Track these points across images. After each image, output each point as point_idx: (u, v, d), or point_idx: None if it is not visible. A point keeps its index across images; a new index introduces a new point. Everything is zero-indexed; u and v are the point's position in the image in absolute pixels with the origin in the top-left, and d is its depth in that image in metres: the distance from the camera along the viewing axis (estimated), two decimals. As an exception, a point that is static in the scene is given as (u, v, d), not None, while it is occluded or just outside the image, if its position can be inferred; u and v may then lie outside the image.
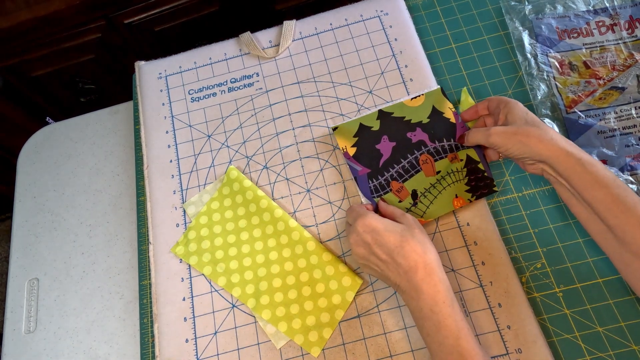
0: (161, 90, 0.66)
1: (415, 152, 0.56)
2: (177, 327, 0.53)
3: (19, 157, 0.70)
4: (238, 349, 0.51)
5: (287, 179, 0.59)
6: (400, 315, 0.50)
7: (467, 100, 0.58)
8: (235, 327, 0.52)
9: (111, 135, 0.69)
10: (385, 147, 0.57)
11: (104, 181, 0.66)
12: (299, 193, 0.58)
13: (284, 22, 0.67)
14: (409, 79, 0.61)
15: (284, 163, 0.60)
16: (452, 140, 0.56)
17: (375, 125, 0.58)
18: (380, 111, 0.59)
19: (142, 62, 0.69)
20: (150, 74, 0.67)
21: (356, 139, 0.58)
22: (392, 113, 0.58)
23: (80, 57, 0.95)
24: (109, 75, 1.03)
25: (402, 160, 0.56)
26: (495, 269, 0.51)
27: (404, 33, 0.64)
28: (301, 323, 0.51)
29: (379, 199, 0.51)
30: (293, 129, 0.61)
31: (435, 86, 0.60)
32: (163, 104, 0.65)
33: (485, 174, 0.54)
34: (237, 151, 0.61)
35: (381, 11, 0.66)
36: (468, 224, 0.53)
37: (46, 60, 0.94)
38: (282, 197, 0.58)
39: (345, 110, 0.61)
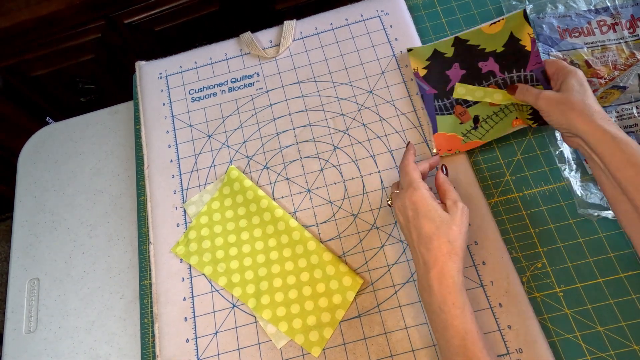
0: (162, 90, 0.66)
1: (484, 82, 0.58)
2: (178, 327, 0.53)
3: (19, 157, 0.70)
4: (238, 349, 0.51)
5: (287, 179, 0.59)
6: (400, 315, 0.50)
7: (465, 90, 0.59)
8: (236, 327, 0.52)
9: (111, 135, 0.69)
10: (455, 73, 0.59)
11: (104, 181, 0.66)
12: (300, 193, 0.58)
13: (285, 22, 0.67)
14: (409, 79, 0.61)
15: (284, 163, 0.59)
16: (522, 71, 0.56)
17: (449, 52, 0.59)
18: (456, 38, 0.60)
19: (143, 62, 0.69)
20: (150, 74, 0.67)
21: (428, 62, 0.60)
22: (468, 40, 0.59)
23: (80, 57, 0.95)
24: (109, 75, 1.03)
25: None
26: (496, 268, 0.51)
27: (404, 33, 0.64)
28: (302, 323, 0.51)
29: (439, 169, 0.50)
30: (293, 129, 0.61)
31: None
32: (163, 104, 0.65)
33: None
34: (237, 151, 0.61)
35: (381, 11, 0.66)
36: (469, 224, 0.53)
37: (46, 60, 0.94)
38: (282, 197, 0.58)
39: (346, 110, 0.61)
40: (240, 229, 0.56)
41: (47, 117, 1.08)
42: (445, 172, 0.51)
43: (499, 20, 0.58)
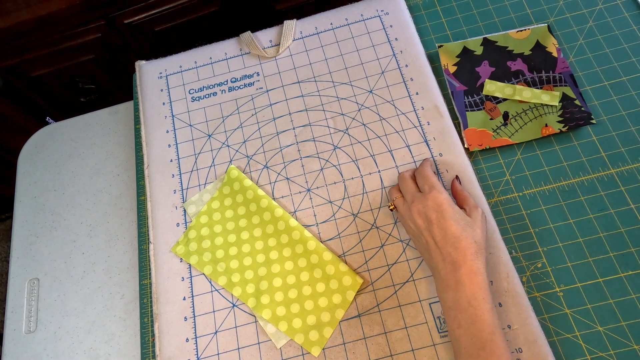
0: (162, 90, 0.66)
1: (513, 79, 0.59)
2: (178, 327, 0.53)
3: (19, 157, 0.70)
4: (238, 349, 0.51)
5: (287, 179, 0.59)
6: (400, 314, 0.50)
7: None
8: (236, 327, 0.52)
9: (111, 135, 0.69)
10: (485, 71, 0.60)
11: (104, 181, 0.66)
12: (300, 192, 0.58)
13: (285, 21, 0.67)
14: (409, 79, 0.61)
15: (284, 162, 0.59)
16: (550, 72, 0.58)
17: (479, 50, 0.61)
18: (485, 38, 0.62)
19: (143, 62, 0.69)
20: (150, 74, 0.67)
21: (458, 59, 0.61)
22: (496, 42, 0.61)
23: (80, 57, 0.96)
24: (109, 75, 1.03)
25: None
26: (496, 268, 0.51)
27: (404, 33, 0.64)
28: (302, 322, 0.51)
29: (454, 179, 0.53)
30: (293, 129, 0.61)
31: (435, 86, 0.60)
32: (163, 104, 0.65)
33: (582, 108, 0.56)
34: (237, 150, 0.61)
35: (382, 11, 0.66)
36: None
37: (46, 60, 0.94)
38: (282, 197, 0.58)
39: (346, 110, 0.61)
40: (240, 229, 0.56)
41: (47, 117, 1.08)
42: (459, 182, 0.53)
43: (524, 29, 0.61)
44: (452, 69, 0.61)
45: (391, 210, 0.53)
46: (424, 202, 0.47)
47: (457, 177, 0.53)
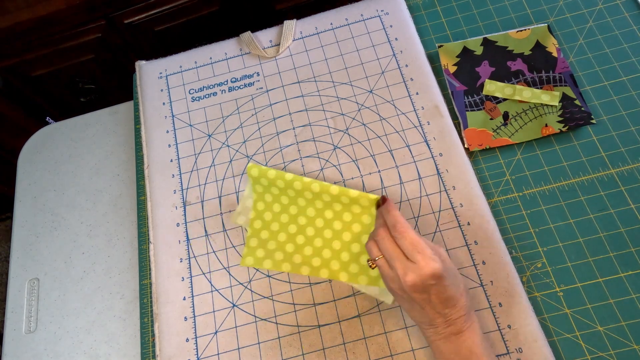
0: (162, 90, 0.66)
1: (513, 79, 0.59)
2: (178, 327, 0.53)
3: (19, 157, 0.70)
4: (238, 349, 0.51)
5: (287, 179, 0.59)
6: (400, 314, 0.50)
7: None
8: (236, 327, 0.52)
9: (111, 135, 0.69)
10: (485, 70, 0.60)
11: (104, 181, 0.66)
12: (300, 192, 0.58)
13: (285, 21, 0.67)
14: (409, 79, 0.61)
15: (284, 162, 0.59)
16: (550, 72, 0.58)
17: (479, 50, 0.61)
18: (485, 38, 0.62)
19: (143, 62, 0.69)
20: (150, 74, 0.67)
21: (458, 59, 0.61)
22: (497, 42, 0.61)
23: (80, 57, 0.95)
24: (109, 75, 1.03)
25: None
26: (496, 268, 0.51)
27: (404, 33, 0.64)
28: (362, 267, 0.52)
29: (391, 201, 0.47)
30: (293, 129, 0.61)
31: (435, 86, 0.60)
32: (164, 104, 0.65)
33: (582, 108, 0.56)
34: (237, 150, 0.61)
35: (382, 11, 0.66)
36: (469, 223, 0.53)
37: (46, 60, 0.94)
38: (282, 197, 0.58)
39: (346, 110, 0.61)
40: (294, 217, 0.55)
41: (47, 117, 1.08)
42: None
43: (524, 29, 0.61)
44: (452, 69, 0.61)
45: (371, 267, 0.46)
46: (419, 273, 0.41)
47: (384, 198, 0.49)
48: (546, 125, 0.56)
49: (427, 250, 0.42)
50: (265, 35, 0.67)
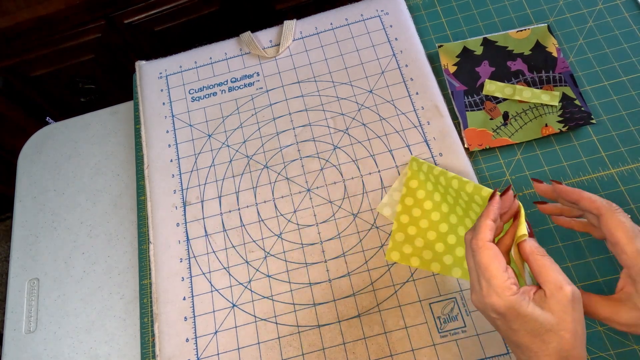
0: (162, 90, 0.66)
1: (513, 79, 0.59)
2: (178, 327, 0.53)
3: (19, 157, 0.70)
4: (238, 349, 0.51)
5: (287, 179, 0.59)
6: (400, 314, 0.50)
7: None
8: (236, 327, 0.52)
9: (111, 135, 0.69)
10: (485, 70, 0.60)
11: (104, 181, 0.66)
12: (300, 192, 0.58)
13: (285, 21, 0.67)
14: (409, 79, 0.61)
15: (284, 162, 0.59)
16: (550, 72, 0.58)
17: (478, 50, 0.61)
18: (485, 38, 0.62)
19: (143, 62, 0.69)
20: (150, 74, 0.67)
21: (458, 59, 0.61)
22: (496, 42, 0.61)
23: (80, 57, 0.96)
24: (109, 75, 1.03)
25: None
26: (496, 268, 0.50)
27: (404, 33, 0.64)
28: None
29: (532, 242, 0.38)
30: (293, 129, 0.61)
31: (435, 86, 0.60)
32: (163, 104, 0.65)
33: (582, 108, 0.56)
34: (237, 150, 0.61)
35: (381, 11, 0.66)
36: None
37: (46, 60, 0.94)
38: (282, 197, 0.58)
39: (346, 110, 0.61)
40: (446, 215, 0.52)
41: (47, 117, 1.08)
42: (529, 230, 0.38)
43: (524, 29, 0.61)
44: (452, 69, 0.61)
45: None
46: (482, 301, 0.35)
47: (530, 229, 0.39)
48: (546, 125, 0.56)
49: (496, 279, 0.34)
50: (265, 35, 0.67)
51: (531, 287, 0.35)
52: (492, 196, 0.40)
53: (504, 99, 0.58)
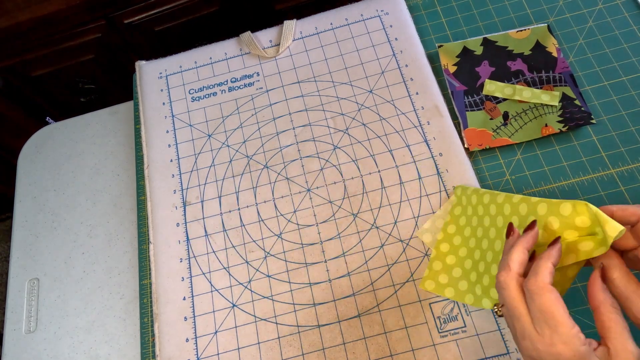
0: (162, 90, 0.66)
1: (513, 79, 0.59)
2: (178, 327, 0.53)
3: (19, 157, 0.70)
4: (238, 349, 0.51)
5: (287, 179, 0.59)
6: (400, 314, 0.50)
7: None
8: (236, 327, 0.52)
9: (111, 135, 0.69)
10: (485, 70, 0.60)
11: (104, 181, 0.66)
12: (300, 192, 0.58)
13: (285, 21, 0.67)
14: (409, 79, 0.61)
15: (284, 162, 0.59)
16: (550, 72, 0.58)
17: (478, 50, 0.61)
18: (485, 38, 0.62)
19: (143, 62, 0.69)
20: (150, 74, 0.67)
21: (458, 59, 0.61)
22: (497, 42, 0.61)
23: (80, 57, 0.96)
24: (109, 75, 1.03)
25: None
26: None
27: (404, 33, 0.64)
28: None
29: (596, 278, 0.34)
30: (293, 129, 0.61)
31: (435, 86, 0.60)
32: (163, 104, 0.65)
33: (582, 108, 0.56)
34: (237, 150, 0.61)
35: (381, 11, 0.66)
36: (469, 224, 0.53)
37: (46, 60, 0.94)
38: (282, 197, 0.58)
39: (346, 110, 0.61)
40: (480, 240, 0.48)
41: (47, 117, 1.08)
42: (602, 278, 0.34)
43: (524, 29, 0.61)
44: (452, 69, 0.61)
45: (499, 316, 0.38)
46: (544, 350, 0.31)
47: (602, 266, 0.34)
48: (546, 125, 0.56)
49: (564, 327, 0.31)
50: (265, 35, 0.67)
51: (591, 340, 0.32)
52: (554, 242, 0.35)
53: (504, 99, 0.58)
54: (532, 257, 0.37)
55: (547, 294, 0.32)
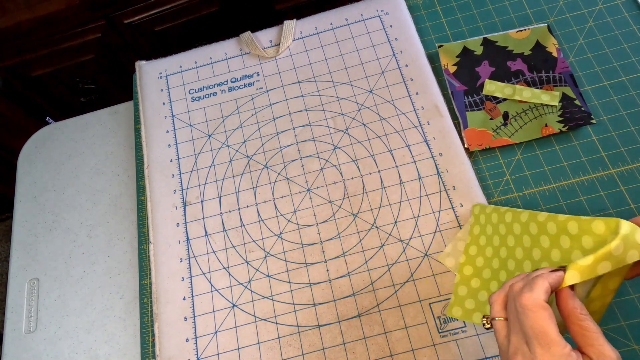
0: (162, 90, 0.66)
1: (513, 79, 0.59)
2: (178, 327, 0.53)
3: (19, 157, 0.70)
4: (238, 349, 0.51)
5: (287, 179, 0.59)
6: (400, 314, 0.50)
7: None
8: (236, 327, 0.52)
9: (111, 135, 0.69)
10: (485, 70, 0.60)
11: (104, 181, 0.66)
12: (300, 192, 0.58)
13: (285, 21, 0.67)
14: (409, 79, 0.61)
15: (284, 162, 0.59)
16: (550, 72, 0.58)
17: (478, 50, 0.61)
18: (485, 38, 0.62)
19: (143, 62, 0.69)
20: (150, 74, 0.67)
21: (458, 59, 0.61)
22: (496, 42, 0.61)
23: (80, 57, 0.96)
24: (109, 75, 1.03)
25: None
26: (496, 268, 0.50)
27: (404, 33, 0.64)
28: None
29: (564, 291, 0.33)
30: (293, 129, 0.61)
31: (435, 86, 0.60)
32: (163, 104, 0.65)
33: (582, 108, 0.56)
34: (237, 150, 0.61)
35: (381, 11, 0.66)
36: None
37: (46, 60, 0.94)
38: (282, 197, 0.58)
39: (346, 110, 0.61)
40: (504, 261, 0.46)
41: (47, 117, 1.08)
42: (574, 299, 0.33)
43: (524, 29, 0.61)
44: (452, 69, 0.61)
45: (486, 328, 0.37)
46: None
47: (572, 288, 0.34)
48: (546, 125, 0.56)
49: (557, 347, 0.30)
50: (265, 35, 0.67)
51: (575, 351, 0.31)
52: (557, 269, 0.34)
53: (504, 99, 0.58)
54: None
55: (542, 311, 0.31)
